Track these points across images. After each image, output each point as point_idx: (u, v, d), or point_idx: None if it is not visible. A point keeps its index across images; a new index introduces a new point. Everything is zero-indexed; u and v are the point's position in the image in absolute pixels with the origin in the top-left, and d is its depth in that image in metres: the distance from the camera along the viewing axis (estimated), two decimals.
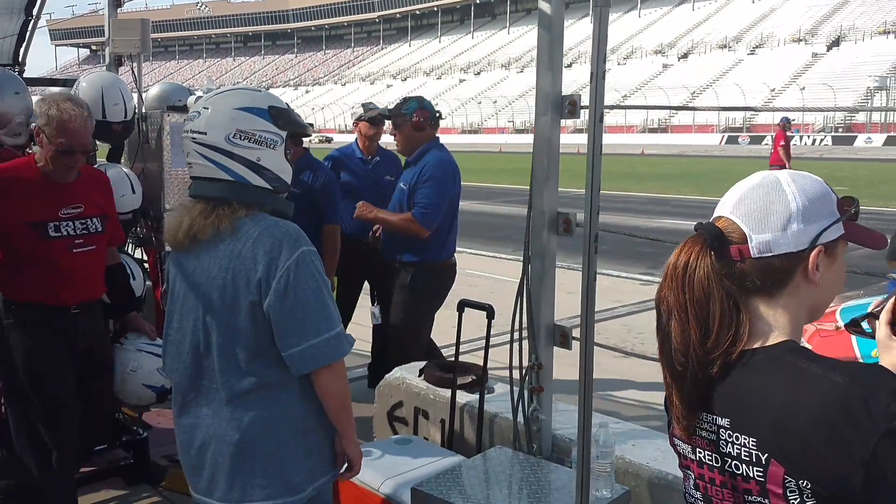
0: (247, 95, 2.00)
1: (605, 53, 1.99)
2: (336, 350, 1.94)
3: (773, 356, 1.17)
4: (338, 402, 2.00)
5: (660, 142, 52.72)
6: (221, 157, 1.93)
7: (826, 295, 1.25)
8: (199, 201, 1.97)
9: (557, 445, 3.06)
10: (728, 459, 1.18)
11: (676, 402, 1.24)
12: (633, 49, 73.62)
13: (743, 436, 1.16)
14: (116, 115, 3.75)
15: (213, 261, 1.94)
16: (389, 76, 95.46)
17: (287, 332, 1.90)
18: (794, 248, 1.19)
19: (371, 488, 2.87)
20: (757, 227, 1.19)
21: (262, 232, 1.92)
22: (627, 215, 14.97)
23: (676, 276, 1.22)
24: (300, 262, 1.90)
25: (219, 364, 1.95)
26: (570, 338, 2.92)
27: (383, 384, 3.92)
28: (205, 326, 1.96)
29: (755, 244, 1.19)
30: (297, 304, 1.89)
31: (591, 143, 1.99)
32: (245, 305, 1.90)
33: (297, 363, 1.92)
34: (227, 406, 1.95)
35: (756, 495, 1.15)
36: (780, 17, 72.64)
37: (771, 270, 1.20)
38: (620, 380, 5.36)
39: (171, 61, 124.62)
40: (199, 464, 2.02)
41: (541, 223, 2.88)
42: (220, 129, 1.93)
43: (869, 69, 53.43)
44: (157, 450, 3.95)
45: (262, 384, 1.94)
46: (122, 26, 4.53)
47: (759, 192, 1.22)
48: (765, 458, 1.13)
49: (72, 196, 3.00)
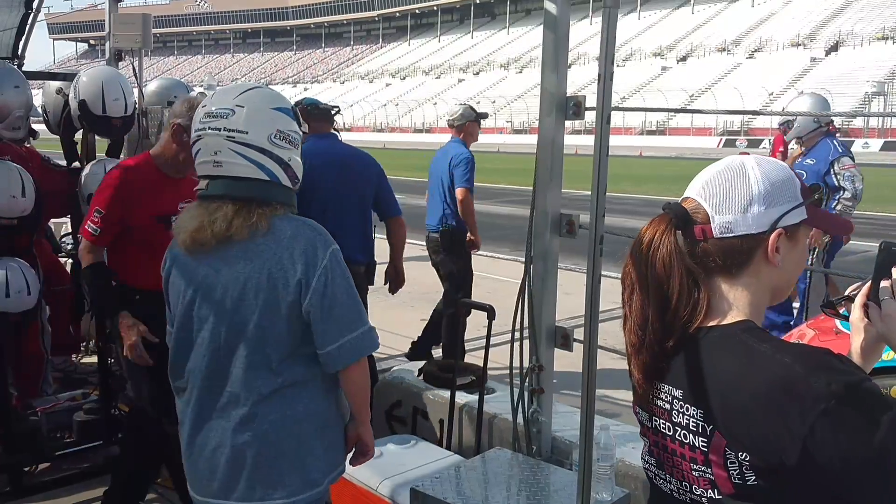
0: (275, 95, 2.02)
1: (613, 55, 1.98)
2: (370, 343, 2.00)
3: (727, 333, 1.22)
4: (363, 394, 2.07)
5: (658, 144, 52.78)
6: (262, 156, 1.92)
7: (787, 277, 1.29)
8: (227, 201, 1.92)
9: (557, 447, 3.05)
10: (678, 429, 1.24)
11: (635, 371, 1.30)
12: (633, 51, 73.70)
13: (693, 407, 1.21)
14: (117, 110, 3.73)
15: (246, 261, 1.91)
16: (388, 75, 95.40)
17: (327, 330, 1.92)
18: (755, 230, 1.23)
19: (369, 488, 2.85)
20: (720, 209, 1.24)
21: (295, 231, 1.93)
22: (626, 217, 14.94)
23: (640, 251, 1.27)
24: (333, 260, 1.93)
25: (245, 364, 1.93)
26: (571, 339, 2.91)
27: (382, 383, 3.91)
28: (230, 328, 1.93)
29: (717, 224, 1.23)
30: (335, 302, 1.92)
31: (597, 144, 1.98)
32: (284, 305, 1.90)
33: (335, 359, 1.94)
34: (250, 407, 1.93)
35: (700, 464, 1.20)
36: (779, 21, 72.76)
37: (732, 251, 1.24)
38: (618, 382, 5.34)
39: (169, 57, 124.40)
40: (212, 467, 1.98)
41: (543, 224, 2.87)
42: (263, 129, 1.92)
43: (867, 74, 53.57)
44: None
45: (288, 383, 1.95)
46: (123, 21, 4.51)
47: (725, 175, 1.26)
48: (710, 430, 1.18)
49: (187, 190, 3.06)
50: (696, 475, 1.22)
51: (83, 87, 3.69)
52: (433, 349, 5.69)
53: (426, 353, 5.52)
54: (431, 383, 3.71)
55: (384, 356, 5.91)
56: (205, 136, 1.93)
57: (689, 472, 1.23)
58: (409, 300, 7.67)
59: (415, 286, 5.31)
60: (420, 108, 74.14)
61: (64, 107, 3.92)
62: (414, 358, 5.17)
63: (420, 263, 5.12)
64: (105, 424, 3.83)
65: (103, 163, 3.79)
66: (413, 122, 72.04)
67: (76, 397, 4.02)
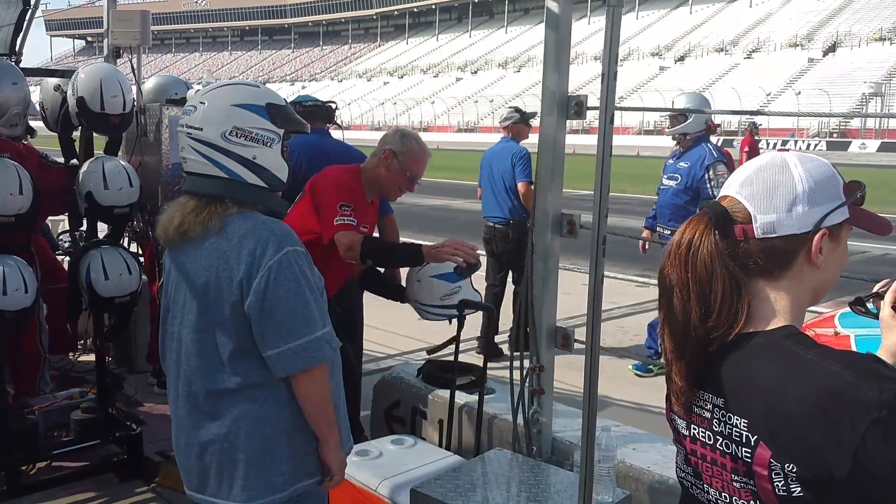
0: (245, 91, 1.98)
1: (616, 54, 1.97)
2: (315, 354, 1.89)
3: (771, 340, 1.18)
4: (315, 407, 1.94)
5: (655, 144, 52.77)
6: (216, 153, 1.91)
7: (828, 278, 1.25)
8: (192, 198, 1.95)
9: (557, 448, 3.04)
10: (719, 438, 1.20)
11: (676, 378, 1.24)
12: (630, 51, 73.59)
13: (736, 416, 1.17)
14: (115, 107, 3.71)
15: (200, 258, 1.92)
16: (386, 73, 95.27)
17: (266, 334, 1.87)
18: (798, 230, 1.19)
19: (369, 488, 2.84)
20: (762, 208, 1.19)
21: (248, 231, 1.90)
22: (623, 216, 14.93)
23: (680, 253, 1.22)
24: (283, 262, 1.87)
25: (199, 362, 1.94)
26: (571, 340, 2.90)
27: (381, 383, 3.89)
28: (187, 324, 1.96)
29: (759, 224, 1.19)
30: (276, 305, 1.86)
31: (601, 144, 1.97)
32: (228, 305, 1.89)
33: (276, 365, 1.89)
34: (212, 405, 1.94)
35: (742, 475, 1.16)
36: (776, 21, 72.78)
37: (774, 251, 1.19)
38: (617, 382, 5.34)
39: (167, 54, 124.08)
40: (189, 463, 2.02)
41: (544, 224, 2.86)
42: (216, 126, 1.91)
43: (865, 75, 53.57)
44: (150, 445, 3.93)
45: (248, 383, 1.92)
46: (121, 18, 4.48)
47: (766, 173, 1.22)
48: (754, 440, 1.14)
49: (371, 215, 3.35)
50: (737, 486, 1.17)
51: (81, 84, 3.67)
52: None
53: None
54: (431, 383, 3.70)
55: (382, 355, 5.90)
56: (179, 133, 1.97)
57: (730, 483, 1.18)
58: None
59: None
60: (418, 107, 74.05)
61: (62, 104, 3.89)
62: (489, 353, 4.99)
63: None
64: (103, 423, 3.81)
65: (101, 160, 3.76)
66: (411, 121, 71.87)
67: (73, 396, 4.01)
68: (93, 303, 3.69)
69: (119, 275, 3.65)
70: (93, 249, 3.69)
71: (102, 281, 3.61)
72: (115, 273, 3.64)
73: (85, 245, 3.78)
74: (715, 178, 5.21)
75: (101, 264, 3.62)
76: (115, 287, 3.64)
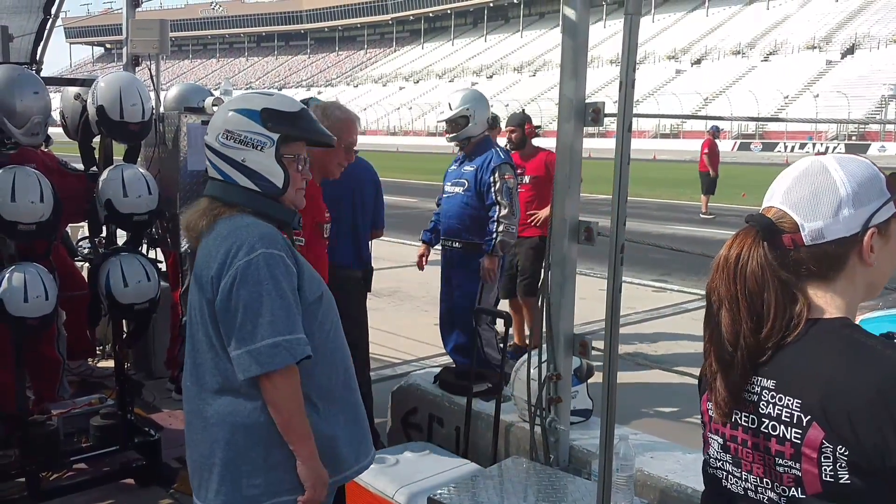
0: (247, 98, 2.04)
1: (634, 62, 1.96)
2: (272, 359, 1.83)
3: (829, 328, 1.20)
4: (280, 415, 1.89)
5: (672, 147, 52.55)
6: (214, 157, 2.01)
7: (883, 272, 1.27)
8: (206, 199, 2.04)
9: (575, 457, 3.02)
10: (766, 420, 1.20)
11: (720, 387, 1.25)
12: (647, 54, 73.33)
13: (787, 397, 1.17)
14: (134, 115, 3.74)
15: (199, 258, 1.99)
16: (402, 78, 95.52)
17: (229, 334, 1.88)
18: (847, 233, 1.21)
19: (386, 496, 2.84)
20: (808, 215, 1.21)
21: (231, 232, 1.93)
22: (640, 221, 14.90)
23: (728, 267, 1.24)
24: (252, 264, 1.86)
25: (194, 360, 1.99)
26: (589, 348, 2.89)
27: (398, 390, 3.89)
28: (188, 322, 2.03)
29: (807, 232, 1.21)
30: (237, 306, 1.86)
31: (618, 152, 1.96)
32: (205, 303, 1.93)
33: (237, 367, 1.87)
34: (201, 407, 1.97)
35: (787, 459, 1.16)
36: (794, 24, 72.29)
37: (826, 256, 1.21)
38: (635, 389, 5.31)
39: (184, 60, 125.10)
40: (188, 459, 2.07)
41: (562, 231, 2.85)
42: (214, 130, 2.01)
43: (883, 77, 53.05)
44: (169, 451, 3.94)
45: (228, 387, 1.92)
46: (140, 26, 4.51)
47: (807, 180, 1.24)
48: (806, 420, 1.14)
49: (321, 198, 3.27)
50: (780, 471, 1.18)
51: (101, 93, 3.70)
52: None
53: None
54: (448, 390, 3.69)
55: (399, 361, 5.91)
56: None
57: (772, 467, 1.19)
58: (423, 305, 7.66)
59: (429, 291, 5.29)
60: (433, 112, 74.15)
61: (82, 112, 3.93)
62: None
63: (435, 268, 5.12)
64: (122, 429, 3.84)
65: (120, 168, 3.79)
66: (426, 126, 71.97)
67: (93, 402, 4.03)
68: (112, 309, 3.71)
69: (138, 281, 3.68)
70: (112, 256, 3.72)
71: (121, 288, 3.63)
72: (133, 280, 3.66)
73: (104, 252, 3.81)
74: (501, 182, 4.65)
75: (121, 271, 3.65)
76: (133, 294, 3.67)
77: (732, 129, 55.15)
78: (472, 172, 4.76)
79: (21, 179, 3.42)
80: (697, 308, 8.03)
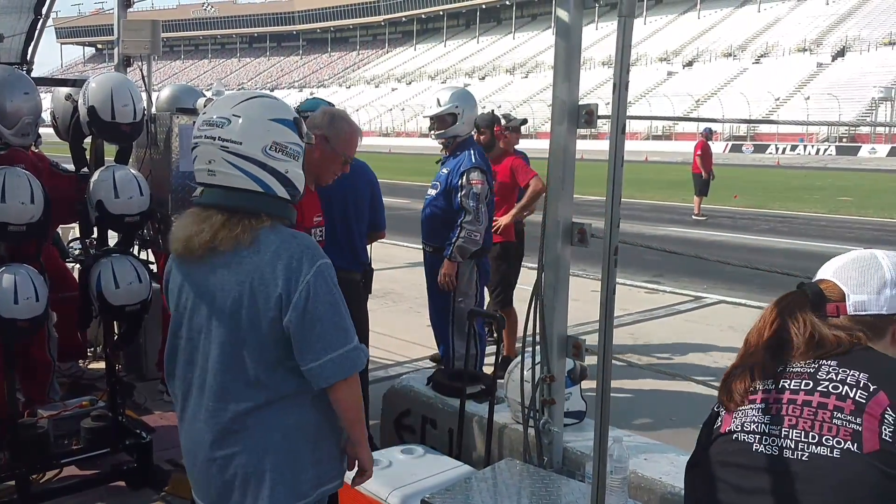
0: (276, 106, 1.98)
1: (628, 64, 1.96)
2: (354, 363, 1.93)
3: (881, 353, 1.44)
4: (353, 412, 2.00)
5: (664, 149, 52.69)
6: (255, 167, 1.90)
7: None
8: (218, 211, 1.91)
9: (568, 458, 3.02)
10: (826, 383, 1.36)
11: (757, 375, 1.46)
12: (639, 56, 73.51)
13: (853, 370, 1.35)
14: (126, 116, 3.71)
15: (230, 273, 1.90)
16: (394, 79, 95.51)
17: (307, 348, 1.89)
18: (886, 311, 1.43)
19: (379, 498, 2.83)
20: (855, 289, 1.44)
21: (280, 245, 1.89)
22: (632, 222, 14.92)
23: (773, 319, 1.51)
24: (318, 276, 1.88)
25: (228, 377, 1.93)
26: (583, 349, 2.88)
27: (390, 392, 3.88)
28: (213, 340, 1.94)
29: (852, 303, 1.44)
30: (315, 319, 1.87)
31: (612, 154, 1.96)
32: (265, 321, 1.88)
33: (318, 377, 1.90)
34: (235, 420, 1.93)
35: (848, 413, 1.30)
36: (785, 26, 72.61)
37: (864, 324, 1.44)
38: (628, 391, 5.31)
39: (176, 61, 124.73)
40: (207, 477, 2.00)
41: (555, 233, 2.85)
42: (258, 141, 1.90)
43: (874, 80, 53.33)
44: (160, 453, 3.92)
45: (277, 397, 1.93)
46: (132, 27, 4.50)
47: (858, 263, 1.48)
48: (873, 388, 1.31)
49: (313, 200, 3.23)
50: (837, 423, 1.30)
51: (92, 94, 3.68)
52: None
53: None
54: (441, 392, 3.69)
55: (391, 363, 5.90)
56: (201, 144, 1.92)
57: (828, 421, 1.31)
58: (416, 306, 7.66)
59: (421, 292, 5.28)
60: None
61: (73, 113, 3.90)
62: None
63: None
64: (113, 431, 3.82)
65: (112, 169, 3.77)
66: (419, 127, 71.89)
67: (84, 404, 4.01)
68: (103, 311, 3.69)
69: (129, 283, 3.65)
70: (103, 258, 3.70)
71: (113, 289, 3.61)
72: (125, 281, 3.64)
73: (95, 253, 3.78)
74: (468, 186, 4.48)
75: (112, 273, 3.62)
76: (125, 295, 3.65)
77: (724, 131, 55.33)
78: (444, 175, 4.68)
79: (11, 180, 3.40)
80: (690, 309, 8.05)
